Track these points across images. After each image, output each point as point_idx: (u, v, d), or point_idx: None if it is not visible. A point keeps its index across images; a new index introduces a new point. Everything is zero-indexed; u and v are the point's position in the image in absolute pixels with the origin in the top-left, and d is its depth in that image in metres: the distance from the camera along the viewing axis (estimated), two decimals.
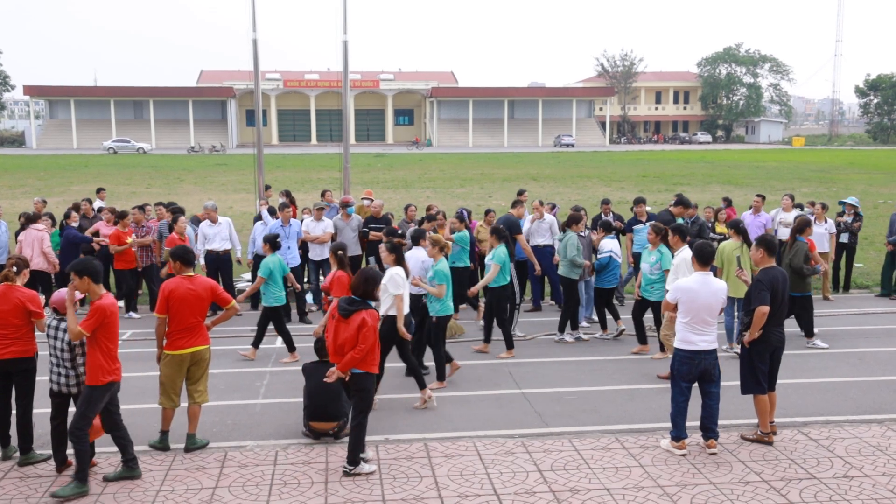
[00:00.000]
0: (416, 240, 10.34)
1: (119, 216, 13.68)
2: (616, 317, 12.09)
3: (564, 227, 12.00)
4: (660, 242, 10.81)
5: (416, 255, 10.12)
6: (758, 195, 15.39)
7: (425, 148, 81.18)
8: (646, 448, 7.68)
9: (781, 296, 7.70)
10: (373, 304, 7.43)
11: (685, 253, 10.04)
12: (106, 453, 7.46)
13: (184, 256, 7.75)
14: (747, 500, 6.57)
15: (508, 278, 11.04)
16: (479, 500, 6.61)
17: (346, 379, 7.28)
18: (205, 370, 7.82)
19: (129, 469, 7.06)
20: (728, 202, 16.82)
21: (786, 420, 8.32)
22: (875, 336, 12.08)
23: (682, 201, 13.21)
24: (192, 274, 7.73)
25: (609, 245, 11.92)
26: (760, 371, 7.73)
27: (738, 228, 11.00)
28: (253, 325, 11.44)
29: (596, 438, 7.95)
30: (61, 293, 7.19)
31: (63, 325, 7.03)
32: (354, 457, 7.14)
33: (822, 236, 14.12)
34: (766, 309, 7.54)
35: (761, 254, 7.87)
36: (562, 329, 11.74)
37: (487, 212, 13.99)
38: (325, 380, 7.40)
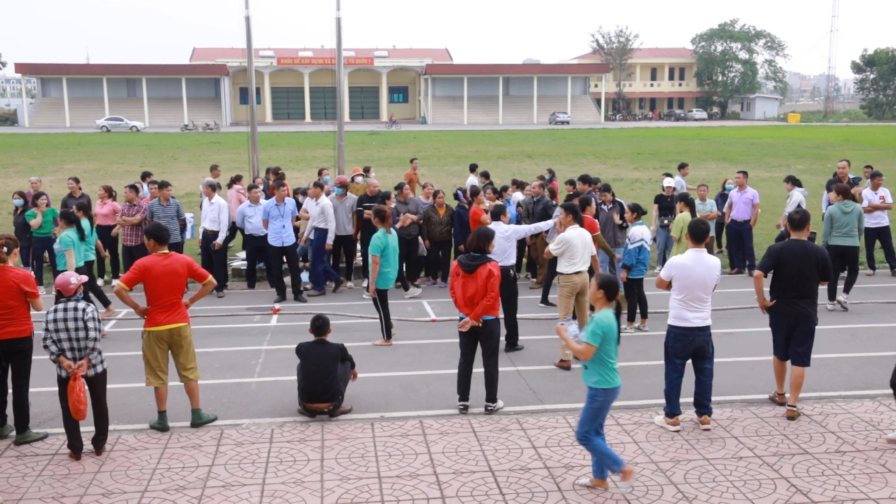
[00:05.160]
0: (584, 204, 10.81)
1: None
2: (644, 312, 11.27)
3: (852, 198, 12.29)
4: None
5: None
6: (740, 171, 15.44)
7: (395, 127, 79.15)
8: (640, 424, 7.73)
9: (797, 269, 7.80)
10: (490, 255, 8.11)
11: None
12: (118, 431, 7.49)
13: (157, 234, 7.73)
14: (740, 476, 6.63)
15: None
16: (474, 477, 6.65)
17: (480, 326, 7.93)
18: (187, 348, 7.77)
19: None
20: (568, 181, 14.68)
21: None
22: (867, 312, 12.14)
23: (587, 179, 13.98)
24: (166, 251, 7.73)
25: (640, 233, 11.03)
26: (774, 339, 8.09)
27: (687, 200, 11.92)
28: (248, 304, 11.41)
29: None
30: (66, 276, 7.19)
31: (81, 305, 7.02)
32: (494, 395, 8.08)
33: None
34: (758, 273, 7.98)
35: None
36: (832, 297, 12.31)
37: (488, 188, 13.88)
38: (459, 329, 8.00)
